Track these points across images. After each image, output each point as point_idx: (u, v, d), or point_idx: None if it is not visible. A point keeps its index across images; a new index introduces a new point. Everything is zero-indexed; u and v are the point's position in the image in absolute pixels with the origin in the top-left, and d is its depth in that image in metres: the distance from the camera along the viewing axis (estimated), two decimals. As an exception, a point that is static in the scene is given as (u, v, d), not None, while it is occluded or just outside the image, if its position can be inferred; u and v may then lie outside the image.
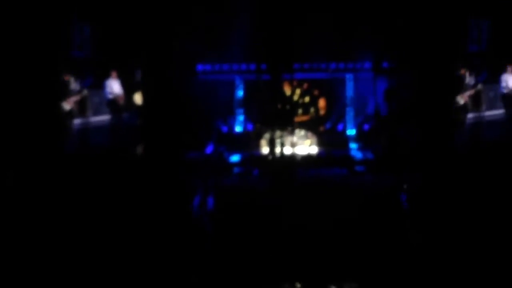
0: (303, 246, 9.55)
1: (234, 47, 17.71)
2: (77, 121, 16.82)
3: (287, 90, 18.79)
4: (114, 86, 17.88)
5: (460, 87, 17.15)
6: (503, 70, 17.87)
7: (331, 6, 17.25)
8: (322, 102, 19.52)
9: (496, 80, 18.20)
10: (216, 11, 17.64)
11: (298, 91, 19.29)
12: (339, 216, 10.57)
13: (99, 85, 17.77)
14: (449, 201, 11.27)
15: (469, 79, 17.77)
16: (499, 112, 18.23)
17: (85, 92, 17.11)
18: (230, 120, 19.35)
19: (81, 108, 17.13)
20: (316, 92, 19.53)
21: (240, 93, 19.24)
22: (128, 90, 18.20)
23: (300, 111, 19.29)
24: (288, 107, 17.65)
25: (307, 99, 19.49)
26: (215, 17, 17.60)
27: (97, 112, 17.91)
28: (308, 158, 16.91)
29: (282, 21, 16.57)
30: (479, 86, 17.78)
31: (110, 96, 17.78)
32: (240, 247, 9.72)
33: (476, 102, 18.01)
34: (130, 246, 9.44)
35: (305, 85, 19.43)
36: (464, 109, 17.11)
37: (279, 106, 16.90)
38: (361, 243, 9.54)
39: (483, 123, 17.71)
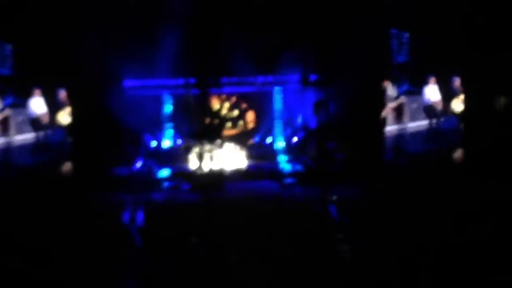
0: (231, 261, 9.53)
1: (161, 62, 17.65)
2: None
3: (216, 104, 18.80)
4: (38, 105, 17.70)
5: (383, 100, 17.41)
6: (425, 82, 18.22)
7: (258, 19, 17.33)
8: (250, 116, 19.56)
9: (419, 92, 18.53)
10: (143, 26, 17.57)
11: (226, 105, 19.29)
12: (270, 228, 10.60)
13: (22, 104, 17.62)
14: (378, 211, 11.40)
15: (391, 91, 18.05)
16: (422, 123, 18.55)
17: (7, 111, 16.93)
18: (158, 135, 19.26)
19: (3, 127, 16.92)
20: (244, 106, 19.56)
21: (168, 107, 19.16)
22: (52, 108, 18.04)
23: (228, 124, 19.30)
24: (216, 121, 17.65)
25: (235, 112, 19.51)
26: (142, 32, 17.53)
27: (20, 131, 17.70)
28: (237, 171, 16.92)
29: (210, 35, 16.61)
30: (402, 98, 18.07)
31: (34, 115, 17.60)
32: (169, 263, 9.68)
33: (399, 114, 18.30)
34: (61, 266, 9.33)
35: (233, 99, 19.46)
36: (383, 121, 17.34)
37: (207, 120, 16.90)
38: (293, 255, 9.56)
39: (406, 134, 17.99)
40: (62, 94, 18.26)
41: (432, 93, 18.32)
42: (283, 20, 17.07)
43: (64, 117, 18.05)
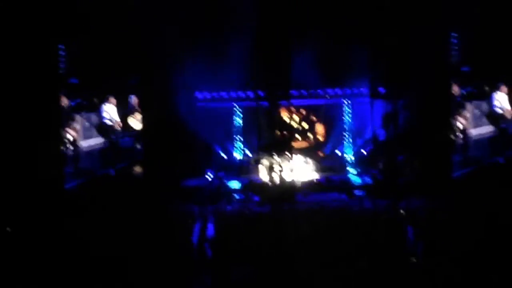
0: (304, 272, 9.58)
1: (232, 75, 17.83)
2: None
3: (285, 117, 18.90)
4: (111, 111, 17.96)
5: (458, 108, 17.14)
6: (493, 88, 17.85)
7: (328, 32, 17.41)
8: (320, 128, 19.62)
9: (482, 97, 18.15)
10: (214, 38, 17.78)
11: (296, 118, 19.39)
12: (340, 240, 10.62)
13: (92, 110, 17.89)
14: (448, 223, 11.31)
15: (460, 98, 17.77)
16: (486, 129, 18.17)
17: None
18: (229, 146, 19.43)
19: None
20: (314, 118, 19.64)
21: (238, 120, 19.33)
22: (123, 114, 18.29)
23: (298, 137, 19.38)
24: (286, 133, 17.70)
25: (305, 125, 19.59)
26: (213, 44, 17.74)
27: (87, 136, 17.92)
28: (307, 183, 16.95)
29: (279, 48, 16.69)
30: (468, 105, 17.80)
31: (107, 121, 17.87)
32: (240, 274, 9.75)
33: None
34: (131, 275, 9.47)
35: (303, 112, 19.54)
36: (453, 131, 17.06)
37: (277, 132, 16.95)
38: (363, 266, 9.58)
39: (472, 141, 17.65)
40: (134, 100, 18.55)
41: (502, 100, 17.97)
42: (352, 32, 17.11)
43: (134, 122, 18.30)
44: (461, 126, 17.09)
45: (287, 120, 18.89)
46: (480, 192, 13.37)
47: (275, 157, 16.05)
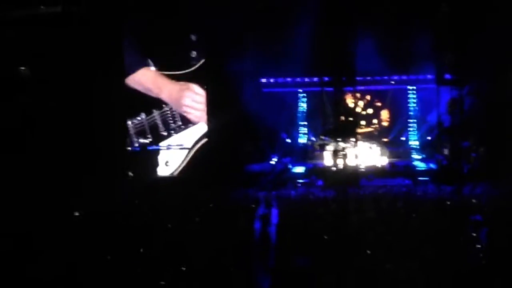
0: (367, 258, 9.62)
1: (297, 60, 17.90)
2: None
3: (350, 102, 18.92)
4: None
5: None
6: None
7: (393, 18, 17.37)
8: (385, 114, 19.63)
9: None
10: (279, 24, 17.86)
11: (361, 103, 19.42)
12: (404, 226, 10.63)
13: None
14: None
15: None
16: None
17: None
18: (293, 132, 19.54)
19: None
20: (379, 104, 19.64)
21: (303, 105, 19.42)
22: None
23: (363, 122, 19.41)
24: (351, 119, 17.73)
25: (370, 111, 19.61)
26: (279, 31, 17.82)
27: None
28: (371, 169, 16.98)
29: (345, 34, 16.69)
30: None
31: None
32: (303, 259, 9.81)
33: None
34: (194, 260, 9.59)
35: (368, 97, 19.55)
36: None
37: (342, 118, 16.97)
38: (428, 253, 9.58)
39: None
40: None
41: None
42: (418, 18, 17.04)
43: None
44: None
45: (352, 106, 18.90)
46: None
47: (340, 142, 16.11)
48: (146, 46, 16.52)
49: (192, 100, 16.57)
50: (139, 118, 16.57)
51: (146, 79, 16.55)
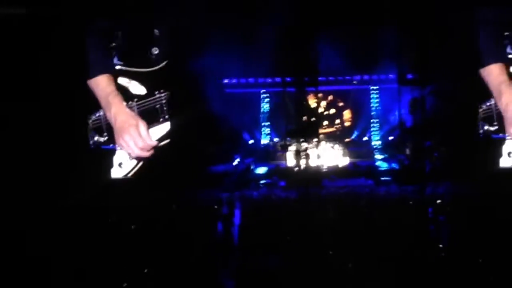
0: (330, 258, 9.61)
1: (259, 61, 17.86)
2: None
3: (313, 102, 18.94)
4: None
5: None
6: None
7: (355, 18, 17.38)
8: (347, 114, 19.67)
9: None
10: (241, 25, 17.80)
11: (323, 103, 19.45)
12: (366, 226, 10.64)
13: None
14: (475, 211, 11.29)
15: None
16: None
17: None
18: (256, 132, 19.51)
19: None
20: (341, 104, 19.68)
21: (266, 106, 19.40)
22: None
23: (325, 122, 19.44)
24: (313, 119, 17.73)
25: (332, 111, 19.64)
26: (241, 32, 17.76)
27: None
28: (333, 169, 17.00)
29: (306, 34, 16.69)
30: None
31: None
32: (266, 260, 9.79)
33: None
34: (156, 262, 9.52)
35: (330, 97, 19.58)
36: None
37: (304, 118, 16.96)
38: (388, 252, 9.60)
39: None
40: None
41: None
42: (379, 18, 17.07)
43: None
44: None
45: (315, 106, 18.92)
46: (509, 178, 13.30)
47: (302, 143, 16.11)
48: (110, 42, 16.37)
49: (132, 139, 16.51)
50: (97, 114, 16.42)
51: (100, 89, 16.39)
